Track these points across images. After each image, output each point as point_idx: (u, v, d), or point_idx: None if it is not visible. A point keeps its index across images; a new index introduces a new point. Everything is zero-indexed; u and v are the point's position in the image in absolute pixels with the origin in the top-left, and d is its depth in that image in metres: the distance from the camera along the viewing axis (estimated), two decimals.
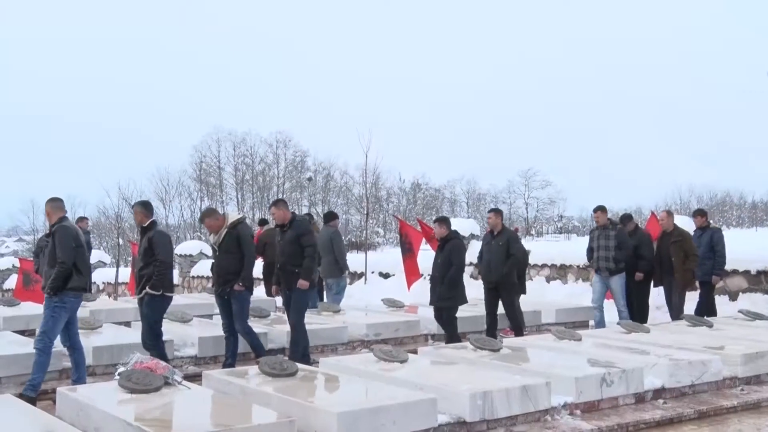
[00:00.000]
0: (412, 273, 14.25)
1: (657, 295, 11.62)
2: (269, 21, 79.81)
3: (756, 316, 9.39)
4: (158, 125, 68.75)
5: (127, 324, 9.94)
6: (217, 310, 12.68)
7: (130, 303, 11.59)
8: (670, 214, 10.87)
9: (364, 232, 28.75)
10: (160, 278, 7.39)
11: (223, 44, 77.31)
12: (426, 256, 13.83)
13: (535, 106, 78.77)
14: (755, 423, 5.79)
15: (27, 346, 7.97)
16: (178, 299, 13.57)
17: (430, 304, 9.44)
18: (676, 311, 10.27)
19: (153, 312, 7.54)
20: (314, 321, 10.11)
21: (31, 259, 13.53)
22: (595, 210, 10.87)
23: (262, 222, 16.30)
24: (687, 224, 13.81)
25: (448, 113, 76.91)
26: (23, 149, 61.43)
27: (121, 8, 71.35)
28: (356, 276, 18.37)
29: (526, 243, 13.78)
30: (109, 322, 9.87)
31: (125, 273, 22.15)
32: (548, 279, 15.21)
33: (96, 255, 25.80)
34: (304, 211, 44.43)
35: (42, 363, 6.69)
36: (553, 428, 5.43)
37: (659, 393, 6.28)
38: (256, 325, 9.49)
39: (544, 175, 57.43)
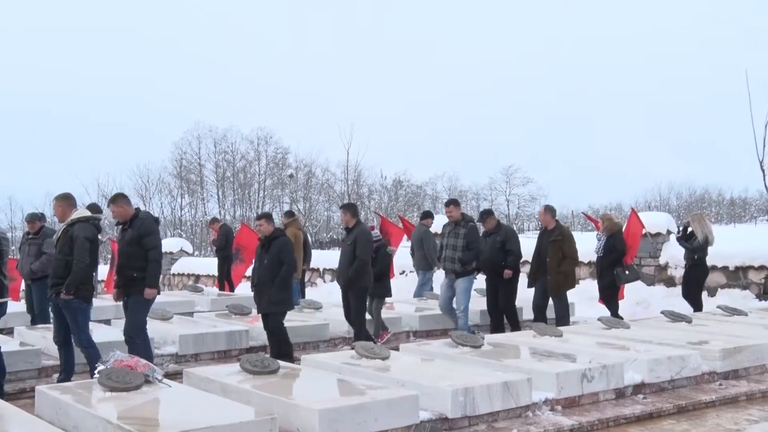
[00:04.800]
0: None
1: (635, 291, 11.68)
2: (251, 16, 79.55)
3: (734, 312, 9.49)
4: (138, 119, 68.01)
5: (107, 322, 9.87)
6: (199, 307, 12.75)
7: (109, 301, 11.51)
8: (549, 209, 9.97)
9: None
10: None
11: (204, 38, 76.87)
12: (404, 253, 13.90)
13: (516, 103, 79.14)
14: (733, 417, 5.86)
15: (6, 344, 7.91)
16: (159, 297, 13.48)
17: (258, 311, 8.33)
18: (559, 317, 9.66)
19: None
20: (296, 318, 10.10)
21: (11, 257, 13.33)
22: (447, 204, 9.89)
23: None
24: (665, 222, 13.97)
25: (430, 110, 77.02)
26: None
27: None
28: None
29: None
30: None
31: (104, 271, 21.97)
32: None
33: None
34: (286, 208, 44.28)
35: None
36: (534, 424, 5.45)
37: (639, 388, 6.33)
38: (237, 323, 9.48)
39: (525, 172, 57.63)
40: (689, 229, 11.10)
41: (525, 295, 10.52)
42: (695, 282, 11.11)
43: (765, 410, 6.07)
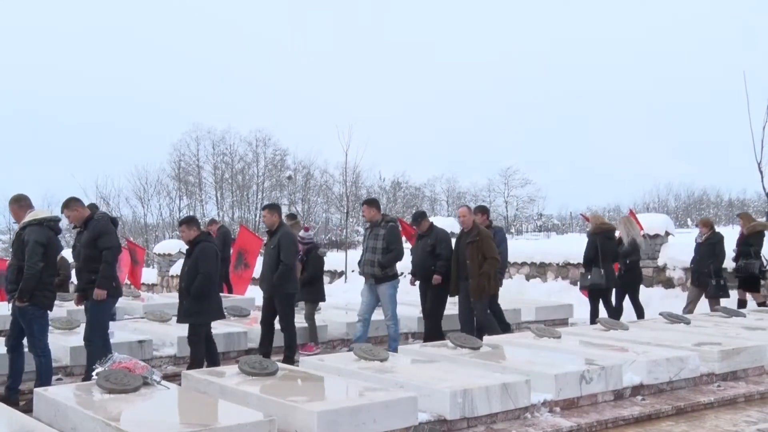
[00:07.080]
0: None
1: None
2: (249, 17, 79.60)
3: (733, 314, 9.50)
4: (136, 121, 68.24)
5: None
6: None
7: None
8: (471, 210, 9.43)
9: (344, 231, 28.75)
10: None
11: (202, 39, 76.93)
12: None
13: (515, 104, 79.26)
14: (732, 419, 5.86)
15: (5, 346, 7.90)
16: (157, 299, 13.46)
17: (178, 321, 7.83)
18: (477, 326, 8.97)
19: None
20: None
21: (7, 258, 13.31)
22: (362, 203, 9.36)
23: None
24: (663, 224, 13.97)
25: (428, 111, 77.23)
26: None
27: None
28: (336, 275, 18.37)
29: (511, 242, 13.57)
30: None
31: None
32: (528, 277, 15.32)
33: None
34: (284, 210, 44.30)
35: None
36: (532, 425, 5.45)
37: (638, 390, 6.33)
38: (236, 325, 9.46)
39: (523, 174, 57.82)
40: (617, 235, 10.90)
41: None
42: (630, 286, 10.78)
43: (763, 411, 6.07)
